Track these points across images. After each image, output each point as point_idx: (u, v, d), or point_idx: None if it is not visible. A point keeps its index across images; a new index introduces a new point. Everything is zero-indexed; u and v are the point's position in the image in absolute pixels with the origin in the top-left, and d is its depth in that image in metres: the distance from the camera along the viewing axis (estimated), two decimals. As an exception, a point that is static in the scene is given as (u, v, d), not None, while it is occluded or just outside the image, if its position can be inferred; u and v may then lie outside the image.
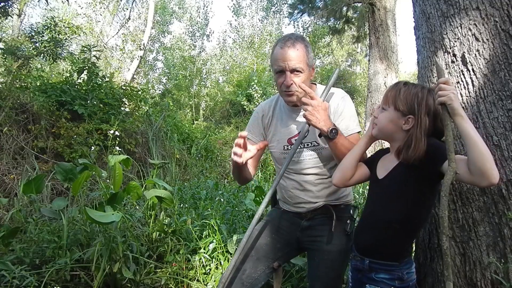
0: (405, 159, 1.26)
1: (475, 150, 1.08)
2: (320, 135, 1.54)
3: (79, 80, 5.84)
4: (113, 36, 16.25)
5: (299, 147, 1.62)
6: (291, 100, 1.60)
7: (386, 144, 1.44)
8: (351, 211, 1.67)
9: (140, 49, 12.18)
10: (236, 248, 2.46)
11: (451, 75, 1.52)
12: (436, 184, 1.27)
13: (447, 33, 1.53)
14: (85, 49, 6.07)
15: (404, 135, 1.30)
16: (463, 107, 1.47)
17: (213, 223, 2.65)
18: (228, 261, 2.51)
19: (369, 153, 1.55)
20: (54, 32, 7.63)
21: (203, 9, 19.09)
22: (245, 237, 1.51)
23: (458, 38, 1.49)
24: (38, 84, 5.54)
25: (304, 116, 1.47)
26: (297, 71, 1.53)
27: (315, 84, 1.75)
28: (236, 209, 3.24)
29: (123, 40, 16.25)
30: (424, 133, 1.24)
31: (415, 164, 1.23)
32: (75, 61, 6.23)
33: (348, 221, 1.63)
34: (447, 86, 1.14)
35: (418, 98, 1.26)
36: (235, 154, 1.46)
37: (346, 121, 1.62)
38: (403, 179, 1.29)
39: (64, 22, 8.49)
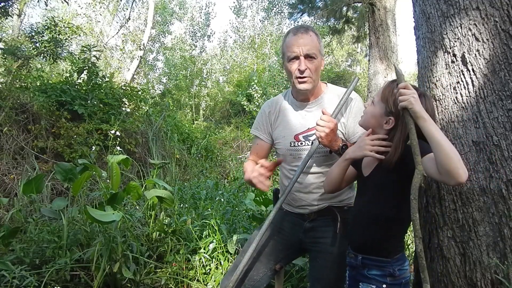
0: (383, 162, 1.28)
1: (440, 151, 1.09)
2: (330, 152, 1.57)
3: (79, 80, 5.84)
4: (113, 36, 16.23)
5: (307, 145, 1.63)
6: (303, 88, 1.58)
7: None
8: None
9: (140, 49, 12.18)
10: (236, 249, 2.46)
11: (451, 75, 1.52)
12: None
13: (447, 33, 1.53)
14: (85, 49, 6.07)
15: (385, 133, 1.32)
16: (463, 107, 1.47)
17: (213, 223, 2.64)
18: (228, 261, 2.51)
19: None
20: (54, 32, 7.62)
21: (205, 9, 19.10)
22: (255, 242, 1.52)
23: (458, 38, 1.48)
24: (38, 84, 5.53)
25: (317, 136, 1.49)
26: (311, 57, 1.54)
27: (326, 83, 1.74)
28: (236, 209, 3.24)
29: (123, 40, 16.25)
30: (404, 139, 1.25)
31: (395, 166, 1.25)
32: (75, 61, 6.22)
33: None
34: (407, 90, 1.16)
35: None
36: (261, 183, 1.48)
37: None
38: (384, 178, 1.32)
39: (64, 22, 8.48)
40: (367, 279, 1.31)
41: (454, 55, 1.50)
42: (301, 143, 1.65)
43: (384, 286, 1.28)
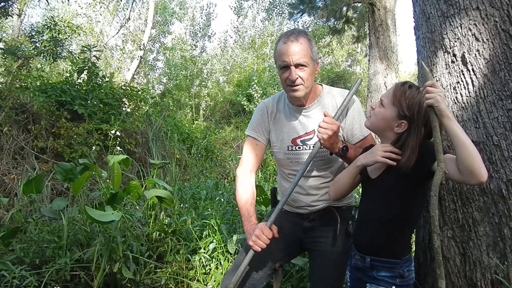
0: (398, 167, 1.27)
1: (463, 150, 1.09)
2: (331, 153, 1.56)
3: (79, 80, 5.84)
4: (113, 36, 16.23)
5: (305, 149, 1.62)
6: (296, 96, 1.56)
7: None
8: (353, 212, 1.67)
9: (140, 49, 12.18)
10: (236, 249, 2.46)
11: (451, 75, 1.52)
12: (427, 182, 1.27)
13: (447, 33, 1.53)
14: (85, 49, 6.07)
15: (394, 136, 1.31)
16: (463, 107, 1.47)
17: (213, 223, 2.64)
18: (228, 261, 2.51)
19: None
20: (54, 31, 7.61)
21: (206, 10, 19.10)
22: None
23: (458, 38, 1.49)
24: (38, 84, 5.54)
25: (319, 137, 1.48)
26: (302, 65, 1.51)
27: (321, 85, 1.72)
28: (236, 209, 3.24)
29: (123, 40, 16.25)
30: (419, 143, 1.25)
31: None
32: (75, 61, 6.22)
33: (349, 222, 1.63)
34: (434, 88, 1.15)
35: (419, 106, 1.25)
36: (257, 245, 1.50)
37: (360, 123, 1.62)
38: (394, 181, 1.31)
39: (64, 22, 8.47)
40: (376, 281, 1.31)
41: (454, 55, 1.50)
42: (299, 147, 1.64)
43: (393, 287, 1.28)
